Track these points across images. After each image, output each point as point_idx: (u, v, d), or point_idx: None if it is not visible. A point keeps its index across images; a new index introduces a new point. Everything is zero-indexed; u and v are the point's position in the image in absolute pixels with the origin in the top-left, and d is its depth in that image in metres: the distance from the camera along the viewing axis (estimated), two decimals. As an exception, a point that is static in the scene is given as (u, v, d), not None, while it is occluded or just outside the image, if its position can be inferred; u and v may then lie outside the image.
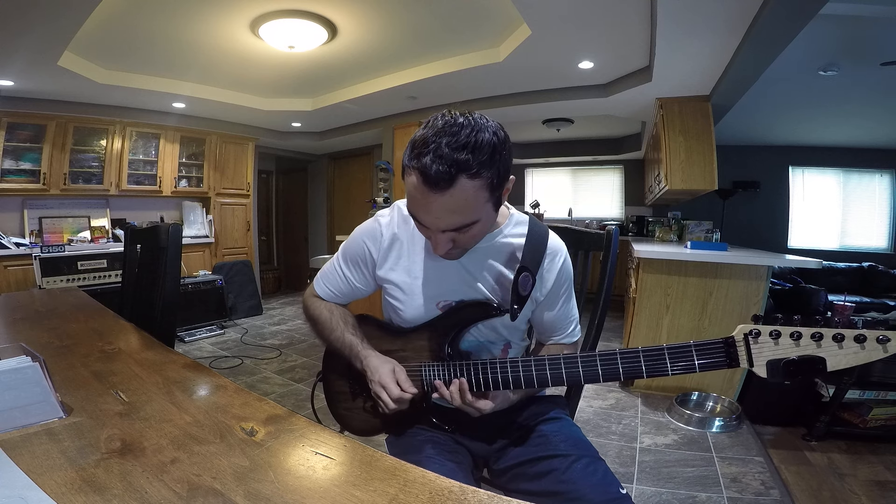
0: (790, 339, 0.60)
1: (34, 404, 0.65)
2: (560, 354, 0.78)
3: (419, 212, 0.73)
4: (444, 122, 0.69)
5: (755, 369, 0.62)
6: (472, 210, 0.71)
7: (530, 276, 0.82)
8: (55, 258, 3.42)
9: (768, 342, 0.61)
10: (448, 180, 0.66)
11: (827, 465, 1.93)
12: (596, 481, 0.78)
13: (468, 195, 0.69)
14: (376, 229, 0.92)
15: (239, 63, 3.40)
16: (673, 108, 3.33)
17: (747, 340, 0.63)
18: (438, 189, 0.67)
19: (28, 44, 2.56)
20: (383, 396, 0.84)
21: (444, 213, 0.70)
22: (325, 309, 0.98)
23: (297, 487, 0.52)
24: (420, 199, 0.70)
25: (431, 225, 0.73)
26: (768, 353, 0.62)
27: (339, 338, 0.94)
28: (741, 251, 2.76)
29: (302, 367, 3.18)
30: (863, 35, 2.66)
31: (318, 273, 1.02)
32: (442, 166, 0.66)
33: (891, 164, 5.04)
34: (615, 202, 6.24)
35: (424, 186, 0.68)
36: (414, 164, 0.68)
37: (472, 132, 0.67)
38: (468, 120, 0.69)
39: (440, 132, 0.67)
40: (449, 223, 0.72)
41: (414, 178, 0.69)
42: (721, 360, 0.65)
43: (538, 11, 2.39)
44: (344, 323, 0.95)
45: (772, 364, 0.61)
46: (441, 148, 0.66)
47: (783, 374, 0.60)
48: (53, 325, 1.22)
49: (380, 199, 4.28)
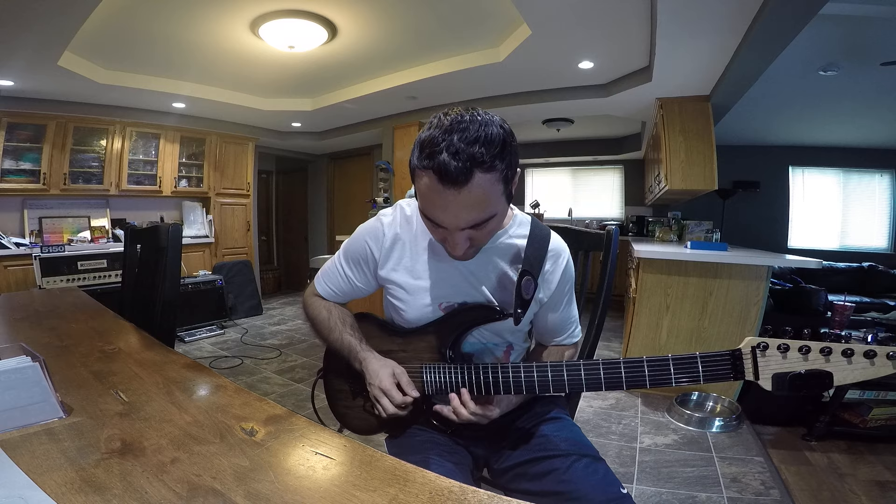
0: (798, 352, 0.60)
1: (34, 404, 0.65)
2: (563, 361, 0.78)
3: (436, 212, 0.71)
4: (450, 120, 0.68)
5: (760, 382, 0.62)
6: (489, 204, 0.70)
7: (532, 279, 0.82)
8: (55, 258, 3.42)
9: (776, 355, 0.61)
10: (465, 176, 0.66)
11: (827, 465, 1.93)
12: (596, 481, 0.78)
13: (485, 189, 0.68)
14: (378, 229, 0.92)
15: (239, 63, 3.40)
16: (673, 108, 3.33)
17: (755, 353, 0.62)
18: (456, 186, 0.66)
19: (28, 44, 2.56)
20: (383, 402, 0.84)
21: (462, 210, 0.70)
22: (323, 308, 0.97)
23: (297, 487, 0.52)
24: (437, 198, 0.69)
25: (450, 224, 0.72)
26: (775, 366, 0.61)
27: (338, 338, 0.93)
28: (741, 251, 2.76)
29: (302, 367, 3.18)
30: (863, 35, 2.66)
31: (319, 271, 1.02)
32: (458, 162, 0.65)
33: (891, 164, 5.04)
34: (615, 202, 6.24)
35: (441, 185, 0.67)
36: (427, 165, 0.67)
37: (480, 126, 0.67)
38: (473, 115, 0.69)
39: (449, 130, 0.67)
40: (468, 220, 0.71)
41: (428, 178, 0.68)
42: (726, 372, 0.64)
43: (538, 11, 2.39)
44: (342, 323, 0.94)
45: (778, 377, 0.61)
46: (454, 144, 0.65)
47: (789, 387, 0.60)
48: (53, 325, 1.22)
49: (380, 199, 4.27)
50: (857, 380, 0.57)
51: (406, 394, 0.84)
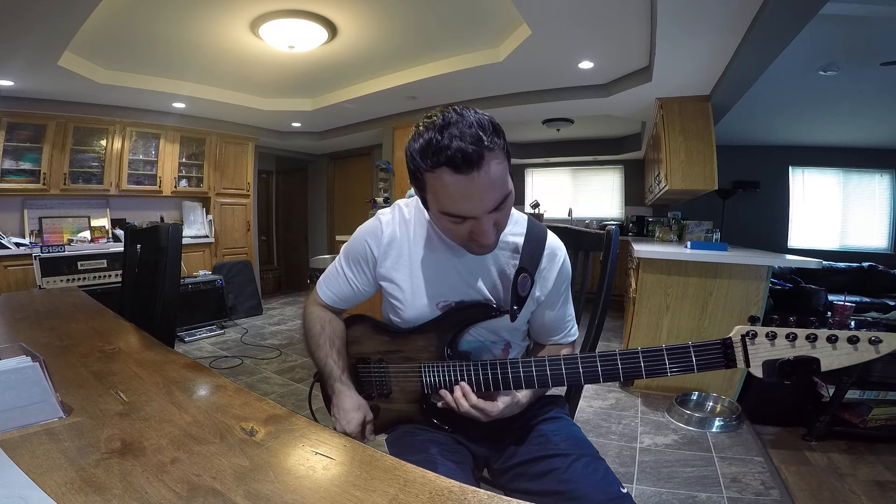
0: (786, 339, 0.62)
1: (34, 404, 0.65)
2: (560, 355, 0.78)
3: (460, 204, 0.72)
4: (440, 120, 0.70)
5: (752, 369, 0.63)
6: (504, 182, 0.72)
7: (529, 276, 0.83)
8: (55, 258, 3.42)
9: (764, 343, 0.63)
10: (479, 157, 0.68)
11: (827, 465, 1.93)
12: (596, 481, 0.78)
13: (497, 168, 0.70)
14: (377, 227, 0.92)
15: (239, 63, 3.40)
16: (673, 108, 3.33)
17: (744, 341, 0.64)
18: (474, 170, 0.68)
19: (28, 44, 2.56)
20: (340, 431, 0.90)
21: (485, 192, 0.71)
22: (318, 323, 0.98)
23: (297, 487, 0.52)
24: (457, 191, 0.70)
25: (478, 210, 0.72)
26: (764, 353, 0.63)
27: (322, 358, 0.96)
28: (741, 251, 2.76)
29: (302, 367, 3.18)
30: (863, 35, 2.66)
31: (321, 276, 1.02)
32: (469, 146, 0.67)
33: (891, 164, 5.04)
34: (615, 202, 6.24)
35: (458, 175, 0.68)
36: (438, 162, 0.68)
37: (468, 116, 0.70)
38: (456, 110, 0.71)
39: (443, 127, 0.68)
40: (493, 200, 0.72)
41: (442, 175, 0.69)
42: (718, 361, 0.66)
43: (538, 11, 2.39)
44: (330, 345, 0.96)
45: (768, 364, 0.62)
46: (456, 135, 0.67)
47: (779, 374, 0.62)
48: (53, 325, 1.22)
49: (380, 199, 4.27)
50: (843, 364, 0.59)
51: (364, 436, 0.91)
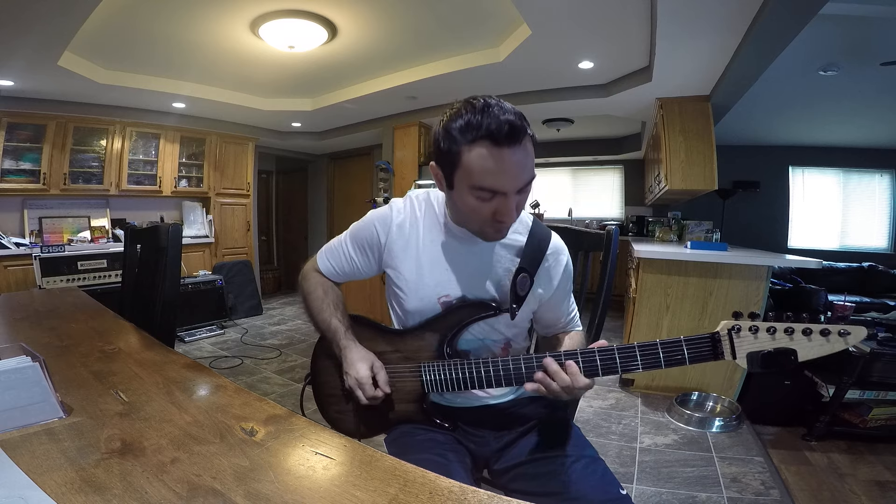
0: (767, 333, 0.67)
1: (34, 404, 0.65)
2: (560, 351, 0.78)
3: (494, 178, 0.72)
4: (482, 103, 0.71)
5: (738, 361, 0.68)
6: (532, 165, 0.75)
7: (528, 276, 0.84)
8: (55, 258, 3.42)
9: (748, 336, 0.68)
10: (521, 131, 0.70)
11: (827, 465, 1.93)
12: (596, 481, 0.78)
13: (530, 149, 0.74)
14: (388, 215, 0.93)
15: (239, 63, 3.40)
16: (673, 108, 3.33)
17: (730, 335, 0.69)
18: (514, 143, 0.70)
19: (28, 44, 2.56)
20: (357, 393, 0.87)
21: (519, 170, 0.72)
22: (320, 287, 0.99)
23: (297, 487, 0.52)
24: (493, 165, 0.71)
25: (509, 186, 0.73)
26: (748, 346, 0.68)
27: (326, 320, 0.95)
28: (741, 251, 2.76)
29: (302, 367, 3.18)
30: (863, 35, 2.66)
31: (324, 247, 1.02)
32: (512, 119, 0.69)
33: (891, 164, 5.03)
34: (615, 202, 6.23)
35: (498, 147, 0.70)
36: (478, 135, 0.70)
37: (503, 104, 0.72)
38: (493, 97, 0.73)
39: (483, 108, 0.70)
40: (524, 178, 0.74)
41: (481, 148, 0.70)
42: (708, 353, 0.70)
43: (538, 11, 2.39)
44: (335, 307, 0.96)
45: (751, 356, 0.68)
46: (498, 114, 0.69)
47: (761, 364, 0.67)
48: (53, 325, 1.22)
49: (380, 199, 4.27)
50: (818, 355, 0.65)
51: (378, 387, 0.87)
